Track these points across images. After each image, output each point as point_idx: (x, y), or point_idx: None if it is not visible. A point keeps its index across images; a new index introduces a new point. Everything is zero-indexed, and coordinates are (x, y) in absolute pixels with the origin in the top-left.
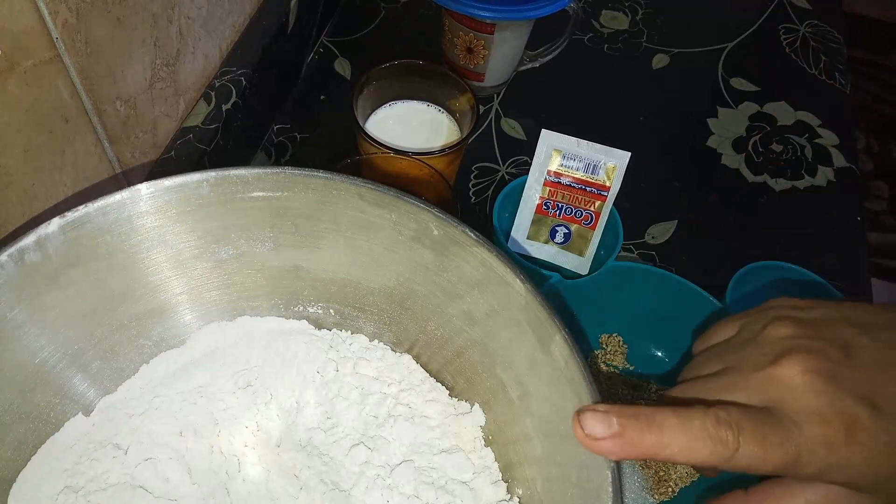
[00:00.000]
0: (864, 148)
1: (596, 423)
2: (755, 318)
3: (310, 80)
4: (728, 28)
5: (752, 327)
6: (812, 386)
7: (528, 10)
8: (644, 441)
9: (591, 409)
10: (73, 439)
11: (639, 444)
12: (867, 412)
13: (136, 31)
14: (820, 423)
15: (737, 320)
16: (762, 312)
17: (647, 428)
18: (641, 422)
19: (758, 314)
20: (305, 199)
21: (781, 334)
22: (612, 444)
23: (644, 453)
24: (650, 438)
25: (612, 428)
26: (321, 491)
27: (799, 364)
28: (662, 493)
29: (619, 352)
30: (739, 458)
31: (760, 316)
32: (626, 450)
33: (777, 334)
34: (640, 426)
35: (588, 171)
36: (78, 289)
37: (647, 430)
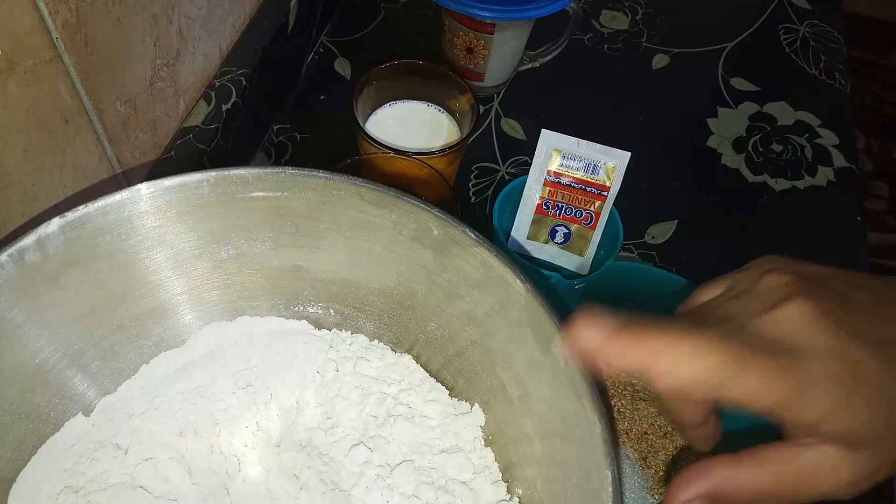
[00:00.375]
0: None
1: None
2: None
3: (310, 80)
4: (728, 28)
5: (744, 282)
6: (815, 326)
7: (528, 10)
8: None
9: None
10: (73, 439)
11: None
12: (870, 355)
13: (136, 31)
14: (823, 360)
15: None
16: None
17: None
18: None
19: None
20: (305, 199)
21: (778, 282)
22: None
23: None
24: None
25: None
26: (321, 491)
27: (801, 304)
28: (662, 493)
29: None
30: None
31: (752, 271)
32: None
33: (774, 283)
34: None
35: (588, 171)
36: (78, 289)
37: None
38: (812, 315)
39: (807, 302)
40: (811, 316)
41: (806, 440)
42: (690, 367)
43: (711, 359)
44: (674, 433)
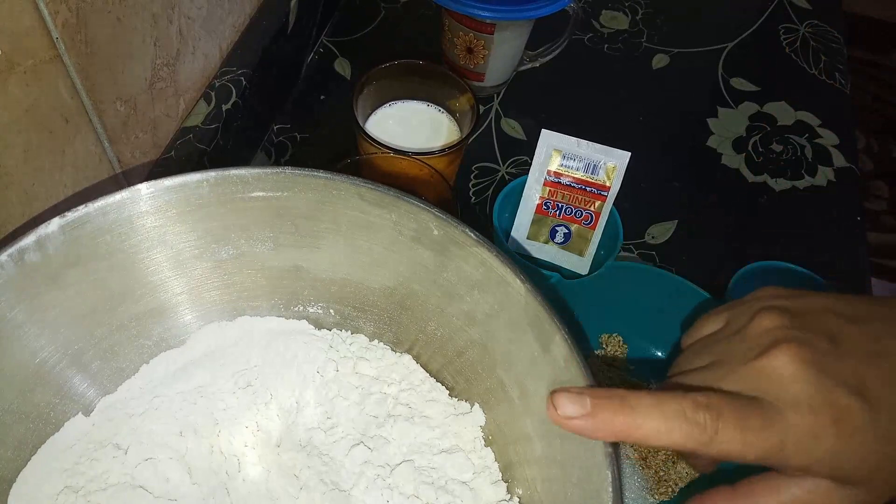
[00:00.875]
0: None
1: (568, 402)
2: (741, 311)
3: (310, 80)
4: (728, 28)
5: (738, 320)
6: (800, 375)
7: (528, 10)
8: (616, 421)
9: (564, 390)
10: (73, 439)
11: (612, 423)
12: (856, 403)
13: (136, 31)
14: (808, 413)
15: (723, 312)
16: (748, 304)
17: (620, 409)
18: (615, 402)
19: (744, 306)
20: (305, 199)
21: (768, 325)
22: (584, 424)
23: (617, 433)
24: (622, 419)
25: (584, 408)
26: (321, 491)
27: (787, 354)
28: (662, 493)
29: (619, 352)
30: (718, 442)
31: (746, 308)
32: (599, 429)
33: (764, 326)
34: (612, 406)
35: (588, 171)
36: (78, 289)
37: (619, 410)
38: (797, 365)
39: (791, 351)
40: (795, 366)
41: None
42: (664, 438)
43: (685, 428)
44: None
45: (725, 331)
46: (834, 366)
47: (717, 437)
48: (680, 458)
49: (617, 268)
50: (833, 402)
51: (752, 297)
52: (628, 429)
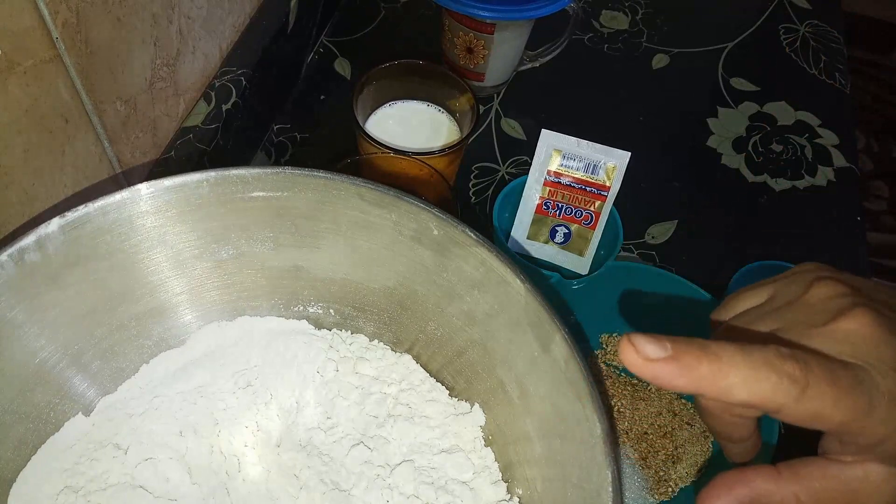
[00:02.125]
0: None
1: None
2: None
3: (310, 80)
4: (728, 28)
5: (790, 290)
6: (882, 339)
7: (528, 10)
8: (701, 367)
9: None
10: (73, 439)
11: (695, 369)
12: None
13: (136, 31)
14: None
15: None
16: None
17: (705, 354)
18: (697, 348)
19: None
20: (305, 199)
21: (832, 293)
22: (667, 368)
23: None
24: (707, 366)
25: (665, 350)
26: (321, 491)
27: (864, 317)
28: (662, 493)
29: None
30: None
31: (794, 279)
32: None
33: (826, 293)
34: (696, 352)
35: (588, 171)
36: (78, 289)
37: (704, 356)
38: (876, 328)
39: (868, 315)
40: (875, 329)
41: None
42: (752, 389)
43: (773, 380)
44: (674, 433)
45: (775, 302)
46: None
47: (807, 391)
48: (680, 459)
49: (617, 268)
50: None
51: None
52: (713, 377)
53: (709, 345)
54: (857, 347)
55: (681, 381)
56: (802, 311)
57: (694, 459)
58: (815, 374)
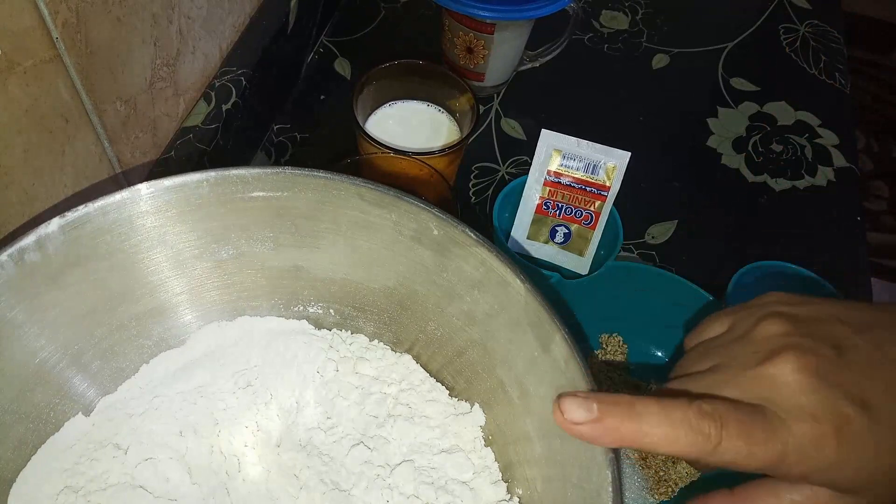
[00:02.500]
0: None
1: (575, 407)
2: (746, 314)
3: (310, 80)
4: (728, 28)
5: (743, 324)
6: (803, 384)
7: (528, 10)
8: (623, 428)
9: (571, 395)
10: (73, 439)
11: (618, 430)
12: (858, 412)
13: (136, 31)
14: (810, 422)
15: (728, 315)
16: (753, 308)
17: (627, 415)
18: (622, 409)
19: (749, 310)
20: (305, 199)
21: (773, 332)
22: (591, 430)
23: (623, 440)
24: (629, 426)
25: (591, 413)
26: (321, 491)
27: (790, 362)
28: (662, 493)
29: (619, 352)
30: (722, 451)
31: (752, 311)
32: (606, 436)
33: (768, 332)
34: (620, 413)
35: (588, 171)
36: (78, 289)
37: (626, 417)
38: (800, 374)
39: (795, 359)
40: (798, 374)
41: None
42: (672, 446)
43: (690, 437)
44: None
45: (729, 335)
46: (837, 375)
47: (720, 446)
48: (680, 459)
49: (617, 268)
50: (835, 412)
51: (757, 301)
52: (634, 435)
53: (634, 404)
54: (779, 392)
55: (605, 440)
56: (743, 350)
57: None
58: (728, 430)
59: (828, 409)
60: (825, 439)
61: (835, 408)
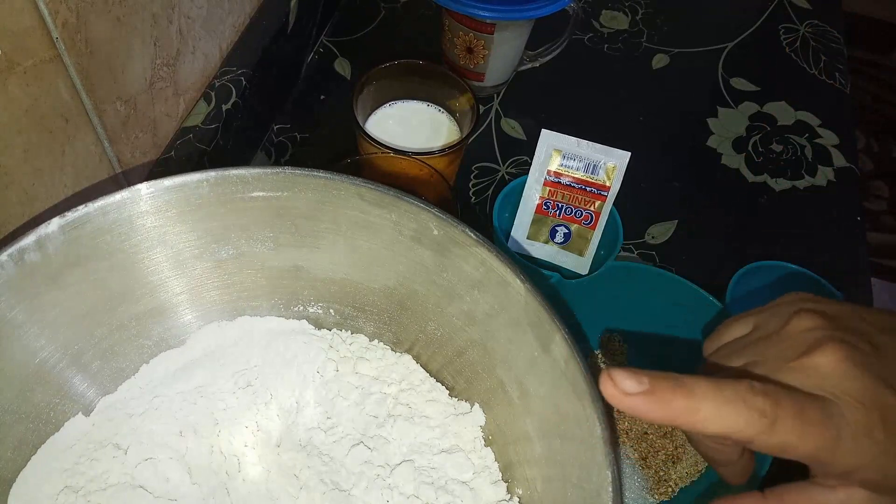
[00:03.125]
0: (864, 148)
1: (626, 378)
2: (772, 313)
3: (310, 80)
4: (728, 28)
5: (771, 322)
6: (850, 373)
7: (528, 10)
8: (675, 402)
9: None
10: (73, 439)
11: (670, 403)
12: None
13: (136, 31)
14: (861, 409)
15: (748, 317)
16: (779, 307)
17: (679, 389)
18: (672, 383)
19: (774, 309)
20: (305, 199)
21: (808, 326)
22: (643, 402)
23: (673, 415)
24: (681, 400)
25: (642, 385)
26: (321, 491)
27: (834, 352)
28: (662, 493)
29: (619, 352)
30: (776, 432)
31: (778, 310)
32: (656, 409)
33: (803, 326)
34: (671, 387)
35: (588, 171)
36: (78, 289)
37: (678, 391)
38: (844, 363)
39: (838, 349)
40: (843, 364)
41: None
42: (725, 422)
43: (744, 413)
44: (673, 433)
45: (757, 333)
46: (878, 366)
47: (776, 425)
48: (680, 459)
49: (617, 268)
50: (881, 401)
51: (780, 301)
52: (686, 411)
53: (684, 380)
54: (826, 381)
55: (657, 413)
56: (779, 345)
57: (694, 459)
58: (783, 409)
59: (874, 397)
60: (875, 427)
61: (879, 396)
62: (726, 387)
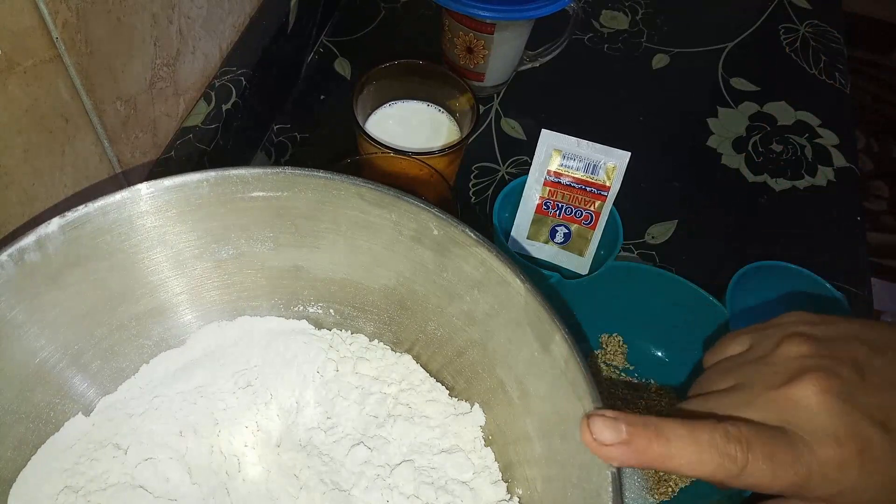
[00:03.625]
0: (864, 148)
1: (605, 428)
2: (768, 334)
3: (310, 80)
4: (728, 28)
5: (765, 344)
6: (826, 407)
7: (528, 10)
8: (651, 450)
9: (600, 415)
10: (73, 439)
11: (646, 452)
12: (880, 435)
13: (136, 31)
14: (834, 445)
15: (748, 334)
16: (775, 328)
17: (655, 438)
18: (650, 431)
19: (770, 329)
20: (305, 199)
21: (794, 353)
22: (619, 451)
23: (650, 462)
24: (657, 449)
25: (620, 435)
26: (321, 491)
27: (813, 384)
28: (662, 493)
29: (619, 352)
30: (747, 475)
31: (773, 332)
32: (633, 457)
33: (791, 353)
34: (648, 435)
35: (588, 171)
36: (78, 289)
37: (654, 439)
38: (822, 395)
39: (819, 380)
40: (821, 396)
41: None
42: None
43: (717, 460)
44: None
45: (750, 354)
46: (859, 396)
47: (746, 469)
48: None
49: (617, 268)
50: (858, 434)
51: (778, 320)
52: (661, 458)
53: (660, 426)
54: (802, 415)
55: (633, 461)
56: (765, 370)
57: None
58: (755, 454)
59: (850, 431)
60: (848, 462)
61: (857, 430)
62: (701, 433)
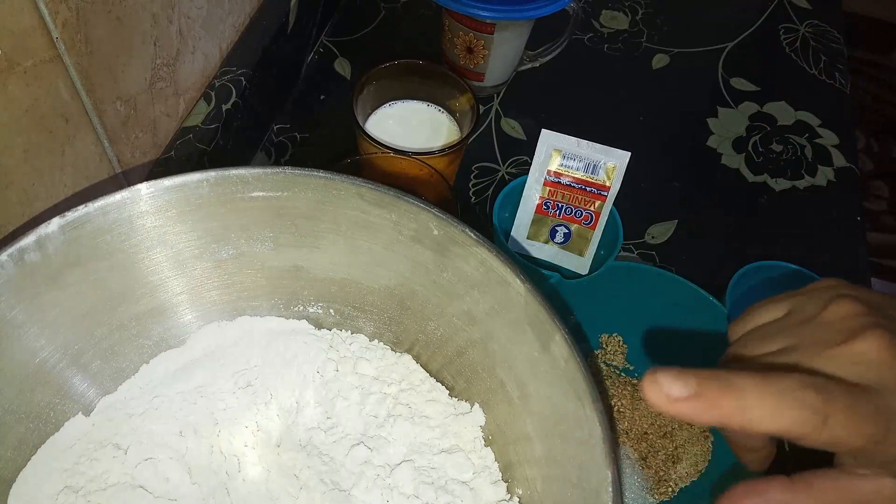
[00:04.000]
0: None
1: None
2: (809, 298)
3: (310, 80)
4: (728, 28)
5: (808, 307)
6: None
7: (528, 10)
8: (724, 403)
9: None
10: (73, 439)
11: (719, 406)
12: None
13: (136, 31)
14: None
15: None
16: (816, 292)
17: (728, 390)
18: (721, 383)
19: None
20: (305, 199)
21: (849, 312)
22: (691, 406)
23: (722, 418)
24: (730, 402)
25: (690, 388)
26: (321, 491)
27: (878, 339)
28: (662, 493)
29: (619, 352)
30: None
31: (815, 295)
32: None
33: (844, 311)
34: (719, 387)
35: (588, 171)
36: (78, 289)
37: (727, 391)
38: (888, 350)
39: (882, 336)
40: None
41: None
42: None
43: (796, 412)
44: (674, 433)
45: (793, 317)
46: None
47: (827, 422)
48: (680, 459)
49: (617, 268)
50: None
51: (814, 286)
52: (737, 412)
53: (732, 379)
54: (871, 369)
55: (706, 417)
56: (818, 330)
57: (694, 459)
58: (835, 404)
59: None
60: None
61: None
62: (776, 382)
